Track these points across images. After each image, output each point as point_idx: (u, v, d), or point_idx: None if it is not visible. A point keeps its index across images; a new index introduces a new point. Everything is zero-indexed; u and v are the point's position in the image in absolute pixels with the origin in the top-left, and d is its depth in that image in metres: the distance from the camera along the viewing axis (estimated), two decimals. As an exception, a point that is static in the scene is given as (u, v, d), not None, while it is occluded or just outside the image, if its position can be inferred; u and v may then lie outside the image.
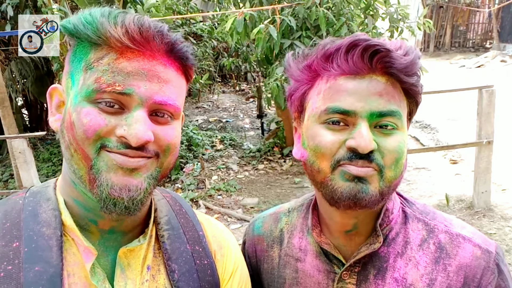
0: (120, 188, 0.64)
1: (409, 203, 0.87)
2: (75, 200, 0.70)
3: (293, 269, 0.89)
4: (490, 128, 4.11)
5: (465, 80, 10.12)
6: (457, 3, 17.46)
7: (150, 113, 0.66)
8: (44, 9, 5.09)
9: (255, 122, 9.16)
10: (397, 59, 0.70)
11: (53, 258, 0.65)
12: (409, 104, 0.77)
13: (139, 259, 0.73)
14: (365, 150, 0.69)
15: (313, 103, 0.77)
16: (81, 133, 0.63)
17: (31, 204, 0.70)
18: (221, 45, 10.12)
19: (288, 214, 0.98)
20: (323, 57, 0.76)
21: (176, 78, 0.70)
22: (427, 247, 0.80)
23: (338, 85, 0.73)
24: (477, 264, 0.76)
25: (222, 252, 0.85)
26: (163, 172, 0.71)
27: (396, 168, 0.73)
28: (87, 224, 0.71)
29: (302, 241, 0.90)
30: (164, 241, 0.77)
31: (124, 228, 0.74)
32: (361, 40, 0.71)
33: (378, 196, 0.72)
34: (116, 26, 0.63)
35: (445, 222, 0.83)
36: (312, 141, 0.76)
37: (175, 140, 0.70)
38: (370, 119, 0.71)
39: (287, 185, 5.51)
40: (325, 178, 0.74)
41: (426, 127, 7.68)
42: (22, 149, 3.69)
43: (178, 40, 0.69)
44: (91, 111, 0.63)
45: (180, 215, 0.83)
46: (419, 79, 0.75)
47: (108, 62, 0.64)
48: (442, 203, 4.52)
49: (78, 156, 0.64)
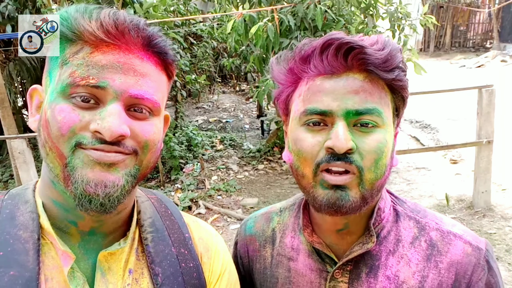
0: (96, 184, 0.62)
1: (400, 202, 0.87)
2: (54, 201, 0.69)
3: (286, 269, 0.88)
4: (490, 128, 4.11)
5: (465, 80, 10.12)
6: (457, 3, 17.46)
7: (127, 108, 0.65)
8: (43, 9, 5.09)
9: (255, 122, 9.16)
10: (372, 54, 0.69)
11: (29, 262, 0.62)
12: (394, 99, 0.76)
13: (120, 262, 0.71)
14: (341, 150, 0.68)
15: (295, 106, 0.78)
16: (56, 130, 0.62)
17: (9, 207, 0.68)
18: (221, 45, 10.13)
19: (280, 213, 0.97)
20: (301, 60, 0.75)
21: (155, 73, 0.68)
22: (419, 244, 0.80)
23: (316, 86, 0.73)
24: (468, 261, 0.76)
25: (209, 254, 0.83)
26: (143, 171, 0.69)
27: (376, 169, 0.71)
28: (66, 226, 0.69)
29: (294, 240, 0.89)
30: (148, 244, 0.75)
31: (105, 230, 0.72)
32: (334, 39, 0.70)
33: (359, 201, 0.71)
34: (90, 21, 0.62)
35: (436, 220, 0.83)
36: (294, 145, 0.76)
37: (153, 137, 0.68)
38: (347, 118, 0.70)
39: (287, 185, 5.50)
40: (308, 184, 0.74)
41: (426, 127, 7.67)
42: (22, 150, 3.69)
43: (156, 34, 0.68)
44: (65, 107, 0.62)
45: (165, 217, 0.81)
46: (401, 73, 0.73)
47: (83, 56, 0.63)
48: (442, 203, 4.52)
49: (53, 155, 0.63)
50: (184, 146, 6.47)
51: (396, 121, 0.79)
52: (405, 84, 0.75)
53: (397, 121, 0.79)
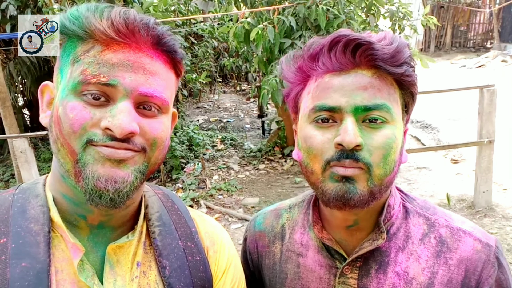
0: (106, 180, 0.63)
1: (410, 199, 0.88)
2: (64, 195, 0.70)
3: (295, 264, 0.89)
4: (491, 128, 4.11)
5: (466, 80, 10.11)
6: (458, 3, 17.44)
7: (136, 105, 0.66)
8: (45, 9, 5.09)
9: (255, 122, 9.16)
10: (380, 50, 0.70)
11: (40, 254, 0.64)
12: (403, 95, 0.76)
13: (128, 255, 0.73)
14: (350, 145, 0.68)
15: (304, 103, 0.78)
16: (68, 127, 0.63)
17: (20, 201, 0.70)
18: (222, 45, 10.13)
19: (289, 210, 0.98)
20: (310, 58, 0.76)
21: (164, 71, 0.70)
22: (428, 241, 0.80)
23: (324, 82, 0.74)
24: (478, 258, 0.77)
25: (215, 248, 0.85)
26: (151, 167, 0.70)
27: (386, 165, 0.72)
28: (76, 219, 0.70)
29: (304, 236, 0.90)
30: (155, 237, 0.77)
31: (113, 224, 0.73)
32: (342, 36, 0.71)
33: (367, 195, 0.72)
34: (101, 20, 0.64)
35: (445, 217, 0.84)
36: (304, 143, 0.76)
37: (161, 134, 0.69)
38: (356, 114, 0.71)
39: (288, 185, 5.51)
40: (317, 179, 0.75)
41: (427, 127, 7.67)
42: (23, 149, 3.69)
43: (165, 33, 0.69)
44: (77, 105, 0.63)
45: (172, 211, 0.83)
46: (410, 68, 0.73)
47: (94, 54, 0.64)
48: (443, 202, 4.51)
49: (64, 151, 0.64)
50: (185, 146, 6.48)
51: (405, 118, 0.79)
52: (414, 79, 0.75)
53: (406, 118, 0.80)
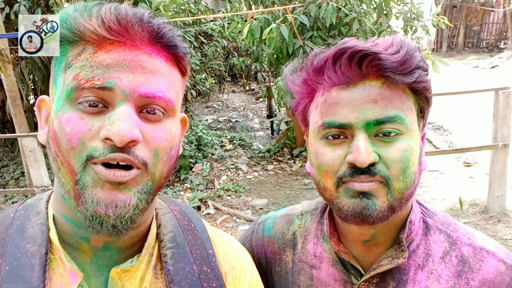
0: (106, 205, 0.57)
1: (430, 213, 0.83)
2: (65, 216, 0.64)
3: (308, 276, 0.85)
4: (506, 131, 4.02)
5: (479, 81, 9.96)
6: (471, 3, 17.20)
7: (138, 109, 0.59)
8: (55, 8, 5.11)
9: (264, 122, 9.13)
10: (387, 59, 0.65)
11: (34, 278, 0.58)
12: (418, 100, 0.72)
13: (134, 280, 0.66)
14: (363, 164, 0.65)
15: (313, 118, 0.75)
16: (65, 143, 0.57)
17: (21, 218, 0.65)
18: (232, 44, 10.12)
19: (301, 217, 0.94)
20: (314, 72, 0.73)
21: (166, 69, 0.63)
22: (449, 259, 0.76)
23: (332, 97, 0.70)
24: (501, 280, 0.73)
25: (234, 274, 0.76)
26: (157, 184, 0.63)
27: (405, 178, 0.68)
28: (77, 241, 0.64)
29: (317, 248, 0.86)
30: (167, 261, 0.69)
31: (120, 245, 0.66)
32: (346, 47, 0.67)
33: (387, 211, 0.68)
34: (90, 18, 0.58)
35: (467, 235, 0.79)
36: (315, 159, 0.74)
37: (164, 144, 0.62)
38: (368, 129, 0.67)
39: (297, 187, 5.46)
40: (332, 195, 0.72)
41: (438, 128, 7.57)
42: (33, 148, 3.70)
43: (163, 25, 0.62)
44: (72, 116, 0.57)
45: (188, 231, 0.75)
46: (422, 73, 0.69)
47: (86, 57, 0.58)
48: (456, 207, 4.43)
49: (64, 170, 0.59)
50: (193, 146, 6.47)
51: (421, 123, 0.75)
52: (427, 84, 0.71)
53: (422, 123, 0.76)
